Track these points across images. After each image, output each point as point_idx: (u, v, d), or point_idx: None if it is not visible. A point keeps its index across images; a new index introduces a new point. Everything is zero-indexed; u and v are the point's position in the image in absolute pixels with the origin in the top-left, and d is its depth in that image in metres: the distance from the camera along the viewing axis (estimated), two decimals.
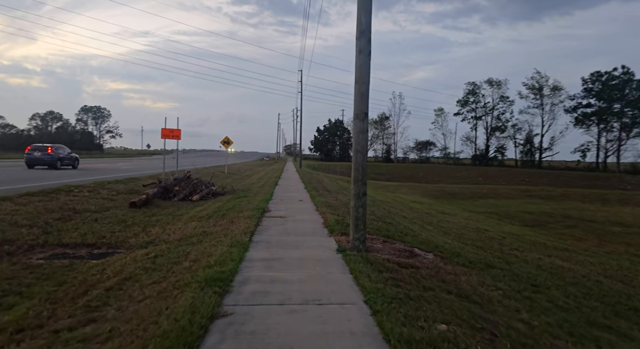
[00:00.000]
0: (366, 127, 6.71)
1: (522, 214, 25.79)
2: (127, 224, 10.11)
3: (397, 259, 6.05)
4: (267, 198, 13.39)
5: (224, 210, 11.15)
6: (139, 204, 12.72)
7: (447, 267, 6.16)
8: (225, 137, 34.89)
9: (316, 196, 14.44)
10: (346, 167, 66.45)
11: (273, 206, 11.77)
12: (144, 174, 23.55)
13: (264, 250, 6.22)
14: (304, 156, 62.61)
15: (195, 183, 16.24)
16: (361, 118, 6.65)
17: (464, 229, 13.59)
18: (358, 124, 6.66)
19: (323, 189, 18.88)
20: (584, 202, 34.68)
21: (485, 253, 9.06)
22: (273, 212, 10.38)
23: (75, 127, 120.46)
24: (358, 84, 6.66)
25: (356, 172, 6.65)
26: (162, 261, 5.81)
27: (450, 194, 39.06)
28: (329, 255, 6.02)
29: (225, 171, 34.17)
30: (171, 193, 15.45)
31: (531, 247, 11.74)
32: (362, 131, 6.66)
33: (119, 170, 29.04)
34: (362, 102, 6.66)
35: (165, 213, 11.98)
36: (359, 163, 6.65)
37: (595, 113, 62.07)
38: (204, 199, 15.46)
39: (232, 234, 7.35)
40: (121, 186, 16.67)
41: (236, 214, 10.02)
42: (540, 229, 19.84)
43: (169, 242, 7.47)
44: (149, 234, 8.76)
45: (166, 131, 21.19)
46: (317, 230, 8.04)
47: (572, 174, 57.00)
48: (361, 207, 6.64)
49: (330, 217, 9.43)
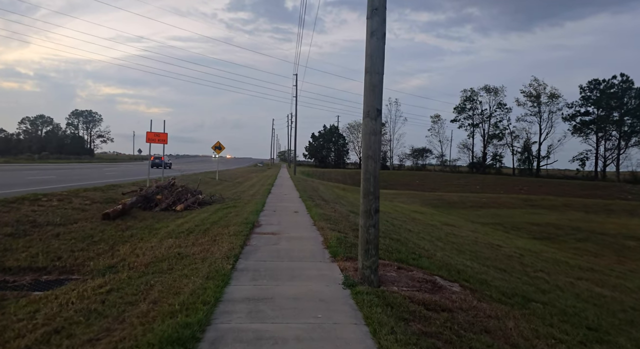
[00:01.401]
0: (379, 127, 5.38)
1: (528, 225, 24.60)
2: (94, 240, 8.69)
3: (421, 296, 4.70)
4: (258, 209, 12.00)
5: (208, 223, 9.76)
6: (113, 216, 11.28)
7: (483, 306, 4.82)
8: (216, 142, 33.50)
9: (313, 207, 13.08)
10: (341, 175, 65.13)
11: (264, 218, 10.40)
12: (128, 181, 22.06)
13: (250, 283, 4.84)
14: (298, 162, 61.26)
15: (179, 191, 14.82)
16: (373, 116, 5.33)
17: (476, 245, 12.29)
18: (369, 124, 5.33)
19: (319, 199, 17.53)
20: (588, 212, 33.64)
21: (512, 278, 7.75)
22: (264, 227, 9.00)
23: (66, 131, 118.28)
24: (369, 74, 5.35)
25: (367, 184, 5.32)
26: (115, 299, 4.41)
27: (450, 203, 37.87)
28: (334, 292, 4.65)
29: (216, 177, 32.73)
30: (152, 202, 14.02)
31: (554, 267, 10.45)
32: (374, 132, 5.33)
33: (104, 176, 27.51)
34: (374, 97, 5.34)
35: (141, 226, 10.56)
36: (371, 172, 5.31)
37: (594, 121, 61.30)
38: (189, 209, 14.05)
39: (212, 258, 5.97)
40: (98, 194, 15.20)
41: (221, 229, 8.63)
42: (551, 242, 18.64)
43: (134, 267, 6.06)
44: (115, 255, 7.35)
45: (151, 134, 19.76)
46: (316, 252, 6.67)
47: (571, 183, 56.10)
48: (373, 227, 5.29)
49: (330, 234, 8.07)
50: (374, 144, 5.33)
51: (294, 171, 47.75)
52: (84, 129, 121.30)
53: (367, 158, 5.35)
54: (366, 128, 5.36)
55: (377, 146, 5.36)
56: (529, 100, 67.61)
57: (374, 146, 5.33)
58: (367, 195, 5.32)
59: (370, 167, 5.33)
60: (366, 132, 5.36)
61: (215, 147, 33.64)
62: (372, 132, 5.32)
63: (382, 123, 30.77)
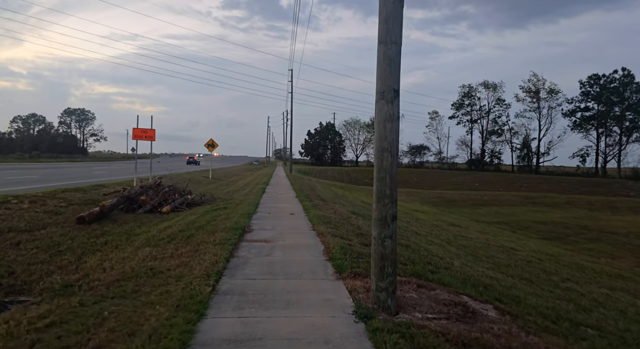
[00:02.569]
0: (397, 112, 4.28)
1: (534, 224, 23.59)
2: (59, 249, 7.56)
3: (456, 330, 3.61)
4: (250, 211, 10.88)
5: (193, 228, 8.63)
6: (89, 219, 10.14)
7: (534, 340, 3.73)
8: (209, 140, 32.32)
9: (310, 208, 11.96)
10: (338, 172, 63.97)
11: (257, 222, 9.28)
12: (115, 181, 20.87)
13: (233, 314, 3.73)
14: (294, 160, 60.11)
15: (166, 191, 13.66)
16: (389, 98, 4.22)
17: (489, 249, 11.22)
18: (384, 108, 4.22)
19: (317, 198, 16.41)
20: (592, 210, 32.71)
21: (543, 291, 6.68)
22: (256, 233, 7.88)
23: (58, 130, 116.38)
24: (384, 44, 4.24)
25: (381, 184, 4.22)
26: (51, 340, 3.29)
27: (450, 201, 36.84)
28: (344, 327, 3.55)
29: (209, 176, 31.58)
30: (136, 204, 12.87)
31: (580, 274, 9.40)
32: (390, 118, 4.22)
33: (91, 175, 26.29)
34: (390, 73, 4.23)
35: (119, 231, 9.43)
36: (386, 169, 4.21)
37: (595, 117, 60.38)
38: (177, 210, 12.92)
39: (189, 275, 4.85)
40: (78, 195, 14.03)
41: (206, 236, 7.50)
42: (561, 243, 17.63)
43: (93, 287, 4.93)
44: (79, 269, 6.22)
45: (138, 131, 18.59)
46: (317, 266, 5.57)
47: (571, 179, 55.21)
48: (389, 238, 4.19)
49: (332, 241, 6.97)
50: (390, 133, 4.22)
51: (290, 169, 46.59)
52: (77, 128, 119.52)
53: (381, 151, 4.24)
54: (380, 113, 4.25)
55: (394, 136, 4.25)
56: (528, 96, 66.63)
57: (390, 135, 4.22)
58: (381, 198, 4.21)
59: (386, 162, 4.22)
60: (380, 118, 4.25)
61: (208, 144, 32.48)
62: (388, 118, 4.21)
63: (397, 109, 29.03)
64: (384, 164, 4.22)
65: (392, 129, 4.23)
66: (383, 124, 4.23)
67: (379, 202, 4.23)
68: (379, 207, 4.22)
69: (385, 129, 4.22)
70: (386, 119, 4.22)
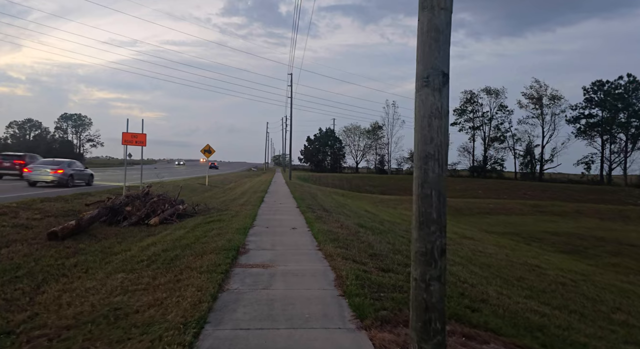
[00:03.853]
0: (446, 104, 3.09)
1: (546, 235, 22.39)
2: (17, 275, 6.32)
3: None
4: (247, 225, 9.67)
5: (179, 247, 7.41)
6: (63, 235, 8.91)
7: None
8: (206, 145, 31.15)
9: (314, 221, 10.76)
10: (338, 179, 62.76)
11: (254, 239, 8.07)
12: (104, 188, 19.63)
13: None
14: (293, 166, 58.91)
15: (155, 201, 12.43)
16: (436, 84, 3.04)
17: (514, 268, 10.01)
18: (429, 99, 3.04)
19: (320, 209, 15.19)
20: (602, 219, 31.53)
21: (604, 332, 5.48)
22: (252, 255, 6.67)
23: (54, 135, 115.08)
24: (429, 10, 3.07)
25: (425, 204, 3.03)
26: None
27: (456, 210, 35.59)
28: None
29: (206, 183, 30.35)
30: (121, 215, 11.64)
31: (626, 300, 8.20)
32: (437, 113, 3.04)
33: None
34: (437, 50, 3.05)
35: (95, 250, 8.20)
36: (432, 183, 3.03)
37: (600, 123, 59.32)
38: (166, 222, 11.70)
39: (161, 323, 3.64)
40: (58, 205, 12.81)
41: (193, 259, 6.29)
42: (581, 257, 16.43)
43: (33, 339, 3.71)
44: (31, 304, 4.98)
45: (128, 135, 17.36)
46: (329, 305, 4.34)
47: (576, 187, 54.07)
48: (437, 281, 2.99)
49: (343, 266, 5.77)
50: (438, 133, 3.03)
51: (290, 176, 45.39)
52: (73, 133, 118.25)
53: (425, 159, 3.05)
54: (423, 106, 3.06)
55: (442, 138, 3.06)
56: (530, 102, 65.66)
57: (438, 137, 3.03)
58: (425, 224, 3.01)
59: (432, 174, 3.03)
60: (424, 113, 3.06)
61: (204, 150, 31.31)
62: (435, 112, 3.03)
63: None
64: (429, 177, 3.03)
65: (440, 127, 3.04)
66: (427, 121, 3.04)
67: (421, 229, 3.03)
68: (422, 237, 3.02)
69: (431, 127, 3.03)
70: (432, 115, 3.03)
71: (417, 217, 3.06)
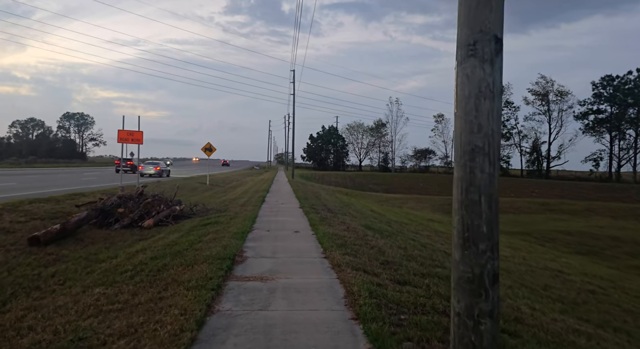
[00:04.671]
0: (499, 81, 2.31)
1: (560, 235, 21.56)
2: None
3: None
4: (245, 228, 8.92)
5: (169, 255, 6.67)
6: (45, 240, 8.20)
7: None
8: (207, 143, 30.43)
9: (318, 223, 9.99)
10: (342, 177, 61.95)
11: (252, 245, 7.31)
12: (99, 188, 18.94)
13: None
14: (296, 164, 58.15)
15: (149, 202, 11.70)
16: (486, 54, 2.28)
17: (536, 274, 9.23)
18: (477, 73, 2.27)
19: (324, 209, 14.43)
20: (615, 218, 30.65)
21: None
22: (249, 264, 5.91)
23: (57, 134, 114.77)
24: None
25: (471, 214, 2.26)
26: None
27: None
28: None
29: (207, 181, 29.64)
30: (112, 218, 10.92)
31: None
32: (488, 93, 2.27)
33: (77, 182, 24.39)
34: (486, 9, 2.28)
35: (78, 257, 7.50)
36: (481, 187, 2.27)
37: (608, 119, 58.15)
38: (161, 224, 10.99)
39: None
40: (47, 207, 12.10)
41: (182, 270, 5.54)
42: (600, 259, 15.63)
43: None
44: None
45: (123, 133, 16.66)
46: (341, 335, 3.57)
47: (584, 184, 53.09)
48: (488, 318, 2.25)
49: (354, 279, 5.01)
50: (489, 119, 2.27)
51: (292, 174, 44.65)
52: (76, 132, 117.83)
53: (470, 153, 2.28)
54: (469, 83, 2.30)
55: (495, 126, 2.29)
56: (537, 98, 64.56)
57: (489, 123, 2.26)
58: (472, 241, 2.25)
59: (481, 175, 2.26)
60: (470, 92, 2.29)
61: (205, 148, 30.60)
62: (485, 91, 2.27)
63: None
64: (476, 178, 2.26)
65: (491, 111, 2.27)
66: (474, 103, 2.27)
67: (466, 247, 2.27)
68: (468, 258, 2.26)
69: (479, 112, 2.26)
70: (481, 94, 2.27)
71: (461, 232, 2.29)
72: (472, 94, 2.26)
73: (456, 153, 2.37)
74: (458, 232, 2.30)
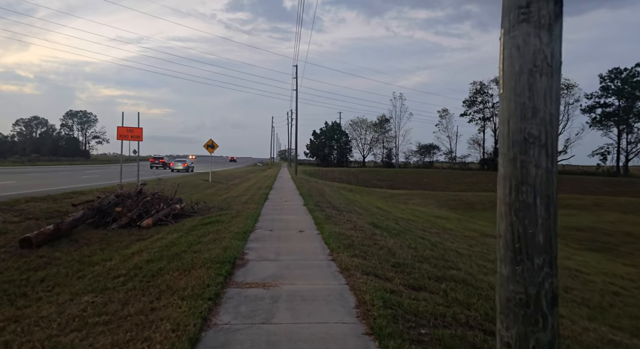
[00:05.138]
0: (558, 52, 1.84)
1: (570, 231, 21.05)
2: None
3: None
4: (248, 227, 8.50)
5: (166, 257, 6.25)
6: (38, 241, 7.80)
7: None
8: (209, 140, 30.05)
9: (324, 222, 9.56)
10: (345, 174, 61.44)
11: (255, 246, 6.89)
12: (99, 186, 18.56)
13: None
14: (299, 161, 57.70)
15: (148, 201, 11.28)
16: (543, 19, 1.80)
17: None
18: (531, 41, 1.80)
19: (329, 206, 13.99)
20: (625, 213, 30.06)
21: None
22: (251, 268, 5.48)
23: (60, 132, 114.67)
24: None
25: (525, 218, 1.79)
26: None
27: (468, 204, 34.28)
28: None
29: (209, 179, 29.27)
30: (110, 217, 10.52)
31: None
32: (543, 68, 1.80)
33: (78, 180, 24.05)
34: None
35: (71, 259, 7.08)
36: (537, 185, 1.79)
37: (616, 113, 57.26)
38: (161, 223, 10.57)
39: None
40: (44, 206, 11.72)
41: (178, 275, 5.12)
42: (613, 255, 15.14)
43: None
44: None
45: (123, 130, 16.26)
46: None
47: (591, 179, 52.38)
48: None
49: (365, 285, 4.58)
50: (546, 101, 1.80)
51: (295, 171, 44.21)
52: (79, 130, 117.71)
53: (523, 144, 1.82)
54: (520, 56, 1.83)
55: (553, 109, 1.82)
56: None
57: (545, 107, 1.80)
58: (526, 253, 1.80)
59: (535, 171, 1.80)
60: (521, 67, 1.82)
61: (207, 145, 30.20)
62: (541, 66, 1.80)
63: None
64: (530, 175, 1.80)
65: (549, 91, 1.81)
66: (527, 81, 1.81)
67: (518, 262, 1.82)
68: (520, 275, 1.81)
69: (534, 91, 1.80)
70: (535, 70, 1.81)
71: (510, 243, 1.84)
72: (524, 69, 1.80)
73: (502, 144, 1.91)
74: (506, 243, 1.85)
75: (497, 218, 1.94)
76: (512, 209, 1.83)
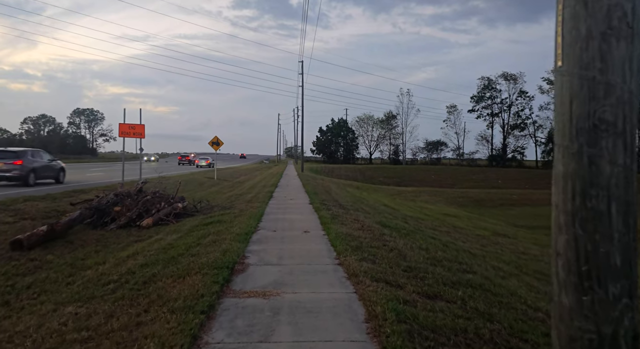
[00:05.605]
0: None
1: None
2: None
3: None
4: (250, 227, 8.10)
5: (162, 261, 5.86)
6: (30, 243, 7.45)
7: None
8: (214, 137, 29.72)
9: (330, 221, 9.13)
10: (352, 171, 61.00)
11: (256, 248, 6.48)
12: (102, 184, 18.27)
13: None
14: (305, 158, 57.26)
15: (148, 200, 10.93)
16: None
17: None
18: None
19: (335, 205, 13.55)
20: None
21: None
22: (250, 275, 5.07)
23: (68, 130, 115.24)
24: None
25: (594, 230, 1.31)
26: None
27: (477, 201, 33.71)
28: None
29: (214, 176, 28.95)
30: (108, 217, 10.17)
31: None
32: (621, 29, 1.33)
33: (82, 178, 23.81)
34: None
35: (64, 263, 6.73)
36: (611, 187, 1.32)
37: None
38: (162, 223, 10.22)
39: None
40: (42, 205, 11.42)
41: (171, 282, 4.72)
42: None
43: None
44: None
45: (125, 126, 15.93)
46: None
47: None
48: None
49: (375, 294, 4.15)
50: (626, 73, 1.33)
51: (302, 168, 43.82)
52: (86, 128, 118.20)
53: (591, 132, 1.36)
54: (586, 12, 1.36)
55: (634, 84, 1.36)
56: (552, 87, 62.77)
57: (622, 83, 1.33)
58: (596, 278, 1.33)
59: (610, 169, 1.33)
60: (588, 31, 1.35)
61: (212, 142, 29.88)
62: (619, 27, 1.33)
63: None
64: (602, 174, 1.34)
65: (628, 61, 1.35)
66: (598, 47, 1.35)
67: (586, 290, 1.36)
68: (589, 308, 1.35)
69: (607, 61, 1.34)
70: (611, 33, 1.34)
71: (573, 262, 1.39)
72: (594, 33, 1.35)
73: (560, 134, 1.46)
74: (568, 264, 1.40)
75: (554, 230, 1.49)
76: (576, 219, 1.38)
